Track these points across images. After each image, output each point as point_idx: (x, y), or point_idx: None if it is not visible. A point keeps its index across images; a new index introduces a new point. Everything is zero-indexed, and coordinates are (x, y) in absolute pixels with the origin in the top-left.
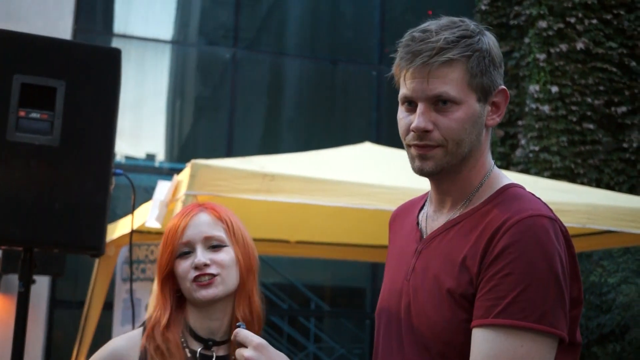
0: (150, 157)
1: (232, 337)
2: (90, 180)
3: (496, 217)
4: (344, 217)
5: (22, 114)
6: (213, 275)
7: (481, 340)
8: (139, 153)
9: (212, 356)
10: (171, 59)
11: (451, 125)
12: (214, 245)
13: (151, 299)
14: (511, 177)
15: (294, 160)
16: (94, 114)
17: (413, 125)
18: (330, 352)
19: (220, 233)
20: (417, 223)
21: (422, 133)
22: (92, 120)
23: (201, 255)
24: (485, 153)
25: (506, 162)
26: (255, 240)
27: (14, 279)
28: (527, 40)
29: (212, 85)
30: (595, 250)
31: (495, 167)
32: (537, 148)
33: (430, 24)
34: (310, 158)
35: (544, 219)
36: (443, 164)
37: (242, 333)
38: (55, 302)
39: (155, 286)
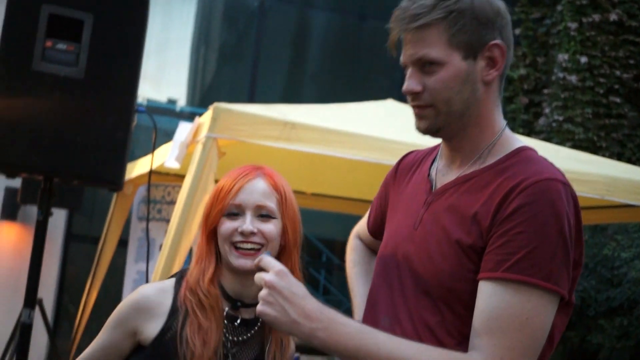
0: (172, 101)
1: (254, 263)
2: (113, 115)
3: (512, 176)
4: (361, 172)
5: (48, 44)
6: (257, 247)
7: (489, 293)
8: (161, 97)
9: (237, 317)
10: (198, 5)
11: (436, 85)
12: (264, 215)
13: (195, 252)
14: (533, 145)
15: (316, 111)
16: (120, 49)
17: (403, 88)
18: (338, 304)
19: (272, 204)
20: (428, 175)
21: (413, 95)
22: (117, 55)
23: (250, 223)
24: (492, 110)
25: (528, 130)
26: None
27: (31, 210)
28: (559, 8)
29: (237, 34)
30: (611, 223)
31: (507, 128)
32: (561, 118)
33: None
34: (332, 110)
35: (558, 183)
36: (438, 123)
37: (266, 259)
38: (71, 236)
39: (200, 238)
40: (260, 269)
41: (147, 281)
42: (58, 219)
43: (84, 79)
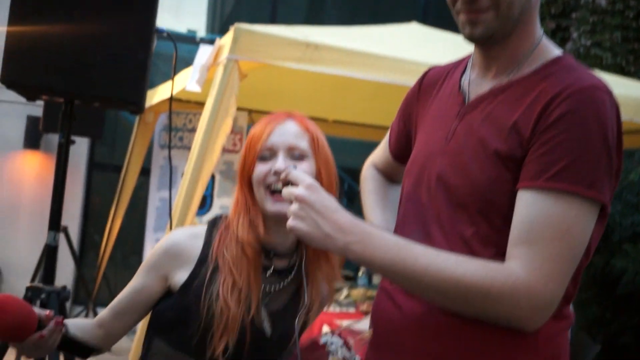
0: (192, 31)
1: (281, 177)
2: (134, 35)
3: (553, 84)
4: (384, 97)
5: None
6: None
7: (529, 202)
8: (181, 27)
9: (270, 266)
10: None
11: None
12: (296, 156)
13: (234, 203)
14: None
15: (339, 33)
16: None
17: None
18: None
19: (304, 144)
20: (460, 87)
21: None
22: None
23: (282, 161)
24: (534, 18)
25: None
26: None
27: (54, 138)
28: None
29: None
30: (638, 148)
31: (545, 36)
32: (588, 43)
33: None
34: (355, 32)
35: (601, 91)
36: (494, 28)
37: (294, 172)
38: (93, 165)
39: (239, 192)
40: (288, 183)
41: (170, 208)
42: (80, 147)
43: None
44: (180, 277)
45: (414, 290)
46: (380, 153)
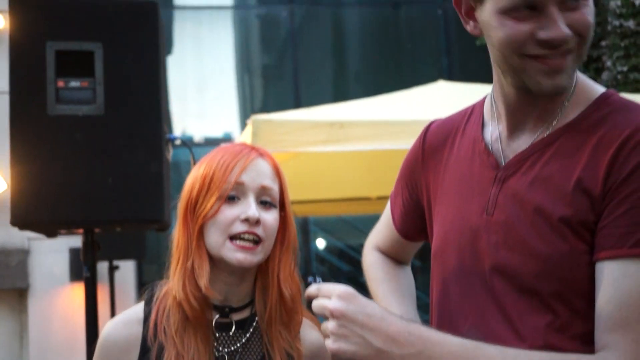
0: (227, 134)
1: (308, 295)
2: (142, 148)
3: (613, 129)
4: None
5: (60, 84)
6: (258, 240)
7: (616, 275)
8: (217, 132)
9: (231, 323)
10: (233, 25)
11: (586, 21)
12: (265, 202)
13: (177, 250)
14: None
15: (362, 106)
16: (138, 75)
17: (551, 34)
18: (426, 308)
19: (276, 189)
20: (485, 146)
21: (564, 43)
22: (136, 81)
23: (255, 209)
24: None
25: None
26: (334, 200)
27: (100, 266)
28: None
29: (276, 52)
30: None
31: (579, 72)
32: (625, 68)
33: None
34: (379, 102)
35: None
36: (573, 74)
37: (322, 285)
38: (142, 285)
39: (180, 233)
40: (310, 297)
41: None
42: (127, 271)
43: (105, 114)
44: None
45: None
46: (383, 232)
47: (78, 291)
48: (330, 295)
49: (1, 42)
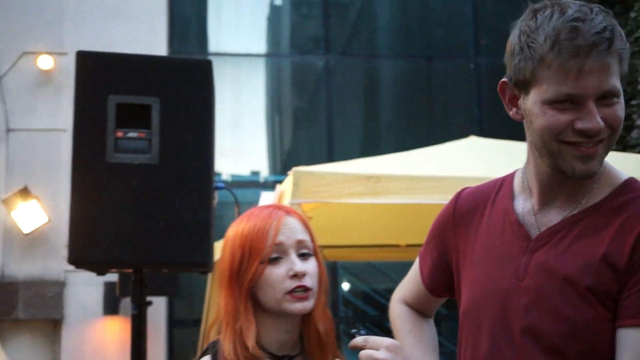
0: (255, 173)
1: (353, 345)
2: (192, 196)
3: (637, 212)
4: None
5: (119, 134)
6: (307, 289)
7: (635, 340)
8: (243, 170)
9: None
10: (266, 73)
11: (618, 116)
12: (304, 254)
13: (222, 315)
14: (633, 159)
15: (398, 160)
16: (191, 128)
17: (588, 126)
18: (451, 356)
19: (308, 239)
20: (516, 217)
21: (596, 133)
22: (189, 134)
23: (300, 263)
24: None
25: (622, 146)
26: (364, 246)
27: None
28: (632, 14)
29: (308, 96)
30: None
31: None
32: None
33: (576, 12)
34: (414, 157)
35: None
36: (603, 160)
37: (371, 338)
38: (173, 322)
39: (227, 299)
40: (356, 348)
41: None
42: (159, 307)
43: (159, 164)
44: None
45: None
46: (410, 286)
47: (110, 324)
48: (378, 347)
49: (50, 82)
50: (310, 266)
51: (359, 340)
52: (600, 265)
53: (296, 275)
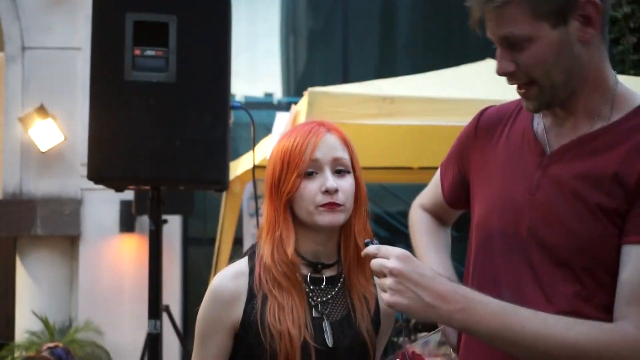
0: (269, 95)
1: (366, 253)
2: (209, 114)
3: None
4: None
5: (137, 52)
6: (339, 204)
7: (638, 257)
8: (257, 92)
9: (322, 278)
10: None
11: (529, 61)
12: (340, 170)
13: (264, 223)
14: None
15: (413, 82)
16: (208, 47)
17: (496, 69)
18: (459, 276)
19: (347, 158)
20: (534, 134)
21: (508, 75)
22: (206, 53)
23: (332, 180)
24: (599, 66)
25: None
26: (377, 168)
27: (147, 220)
28: None
29: (323, 17)
30: None
31: (620, 82)
32: None
33: None
34: (429, 79)
35: None
36: (546, 99)
37: (382, 247)
38: (188, 240)
39: (268, 208)
40: (369, 256)
41: None
42: (174, 225)
43: (176, 82)
44: (235, 317)
45: (524, 357)
46: (430, 195)
47: (127, 242)
48: (389, 256)
49: (71, 2)
50: (344, 183)
51: (372, 248)
52: (610, 183)
53: (327, 191)
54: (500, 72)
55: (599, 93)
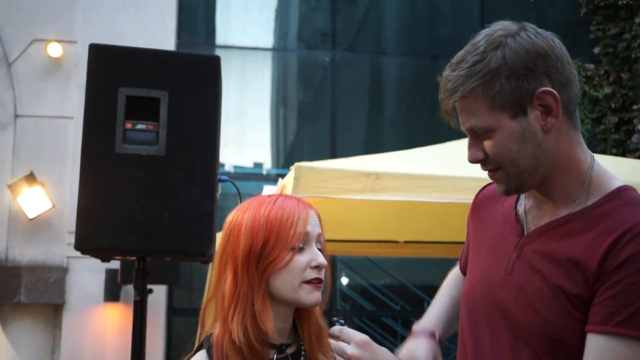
0: (258, 165)
1: (330, 333)
2: (197, 187)
3: (618, 221)
4: (452, 214)
5: (128, 125)
6: (321, 281)
7: (599, 347)
8: (246, 162)
9: (286, 357)
10: (272, 66)
11: (494, 150)
12: (319, 248)
13: (234, 296)
14: (630, 164)
15: (398, 158)
16: (197, 122)
17: (467, 157)
18: (446, 352)
19: (322, 235)
20: (516, 215)
21: (478, 162)
22: (195, 127)
23: (320, 256)
24: (569, 151)
25: (622, 150)
26: (363, 242)
27: (132, 289)
28: (638, 20)
29: (313, 90)
30: None
31: (597, 164)
32: None
33: (455, 57)
34: (414, 155)
35: None
36: (513, 183)
37: (345, 330)
38: (173, 311)
39: (239, 280)
40: (332, 336)
41: None
42: (159, 295)
43: (165, 155)
44: None
45: None
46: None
47: (111, 311)
48: (349, 340)
49: (59, 69)
50: (323, 260)
51: (335, 329)
52: (574, 269)
53: (317, 267)
54: (471, 160)
55: (573, 178)
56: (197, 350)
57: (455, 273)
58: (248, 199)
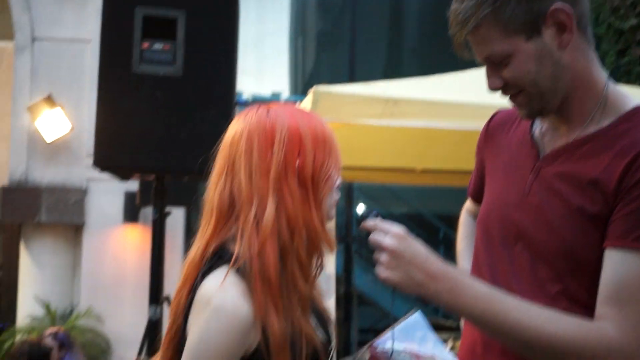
0: (276, 94)
1: (365, 225)
2: (214, 108)
3: (635, 141)
4: (470, 143)
5: (145, 45)
6: None
7: (618, 261)
8: (265, 90)
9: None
10: None
11: (514, 74)
12: None
13: (293, 212)
14: None
15: (418, 84)
16: (215, 43)
17: (487, 86)
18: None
19: None
20: (532, 138)
21: (500, 90)
22: (213, 48)
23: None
24: (586, 68)
25: None
26: (380, 169)
27: (151, 211)
28: None
29: (332, 19)
30: None
31: (611, 84)
32: None
33: None
34: (433, 82)
35: None
36: (536, 106)
37: (381, 224)
38: (190, 232)
39: (294, 191)
40: (367, 229)
41: None
42: (177, 217)
43: (182, 76)
44: (250, 347)
45: (504, 342)
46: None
47: (130, 232)
48: (386, 232)
49: None
50: None
51: (370, 223)
52: (593, 188)
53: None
54: (492, 88)
55: (590, 97)
56: (212, 268)
57: (465, 220)
58: (275, 104)
